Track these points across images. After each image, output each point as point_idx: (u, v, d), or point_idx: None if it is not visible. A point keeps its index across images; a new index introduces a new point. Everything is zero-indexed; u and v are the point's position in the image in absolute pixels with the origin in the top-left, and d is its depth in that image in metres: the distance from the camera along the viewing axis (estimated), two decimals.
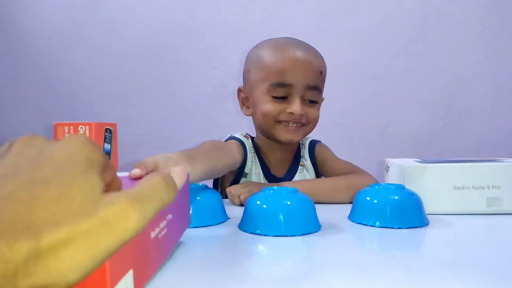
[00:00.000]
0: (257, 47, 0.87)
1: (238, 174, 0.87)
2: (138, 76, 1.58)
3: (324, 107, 0.89)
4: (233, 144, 0.85)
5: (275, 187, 0.59)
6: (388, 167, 0.74)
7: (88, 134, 0.67)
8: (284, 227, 0.51)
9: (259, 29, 1.50)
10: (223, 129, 1.60)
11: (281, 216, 0.52)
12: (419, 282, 0.36)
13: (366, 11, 1.54)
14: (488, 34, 1.53)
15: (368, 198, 0.59)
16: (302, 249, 0.47)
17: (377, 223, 0.56)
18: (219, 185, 0.93)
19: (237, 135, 0.91)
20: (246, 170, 0.87)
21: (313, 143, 0.95)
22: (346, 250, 0.48)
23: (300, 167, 0.91)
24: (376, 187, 0.61)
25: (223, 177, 0.91)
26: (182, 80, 1.58)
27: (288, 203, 0.53)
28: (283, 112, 0.80)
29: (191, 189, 0.60)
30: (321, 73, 0.82)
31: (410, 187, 0.64)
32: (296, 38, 0.87)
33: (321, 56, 0.86)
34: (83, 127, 0.68)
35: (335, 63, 1.62)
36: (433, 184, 0.65)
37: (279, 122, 0.82)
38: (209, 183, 0.92)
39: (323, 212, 0.67)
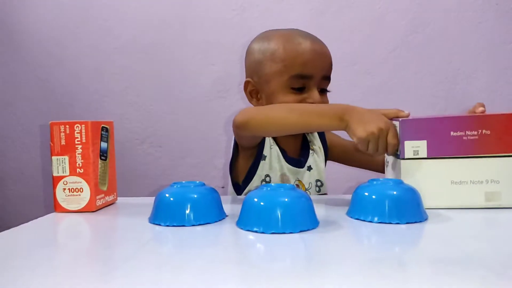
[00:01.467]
0: (262, 38, 0.88)
1: (257, 156, 0.87)
2: (134, 73, 1.57)
3: None
4: None
5: (272, 184, 0.58)
6: (387, 162, 0.74)
7: (84, 133, 0.67)
8: (282, 224, 0.51)
9: (256, 25, 1.49)
10: (222, 125, 1.60)
11: (278, 213, 0.51)
12: (417, 278, 0.36)
13: (364, 4, 1.53)
14: (487, 26, 1.52)
15: (366, 194, 0.59)
16: (299, 246, 0.47)
17: (376, 219, 0.56)
18: (234, 168, 0.90)
19: None
20: (265, 152, 0.88)
21: None
22: (344, 246, 0.47)
23: (310, 151, 0.94)
24: (375, 182, 0.61)
25: (238, 160, 0.88)
26: (179, 77, 1.57)
27: (286, 200, 0.53)
28: (302, 102, 0.83)
29: (187, 187, 0.60)
30: (331, 64, 0.87)
31: (407, 181, 0.64)
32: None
33: None
34: (79, 126, 0.67)
35: (333, 57, 1.62)
36: (430, 178, 0.64)
37: None
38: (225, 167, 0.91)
39: (321, 209, 0.66)
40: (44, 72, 1.59)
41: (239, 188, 0.88)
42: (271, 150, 0.88)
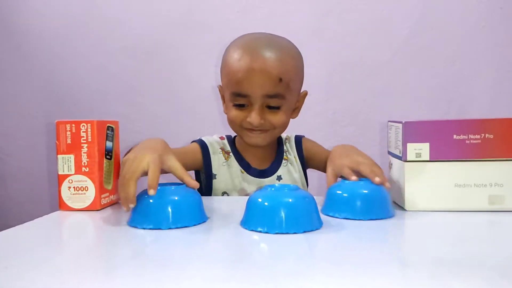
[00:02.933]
0: (229, 45, 0.85)
1: (208, 177, 0.88)
2: (138, 74, 1.57)
3: (324, 103, 0.89)
4: (191, 147, 0.91)
5: (276, 185, 0.59)
6: (391, 164, 0.74)
7: (90, 132, 0.68)
8: (286, 224, 0.51)
9: (260, 26, 1.49)
10: (223, 126, 1.60)
11: (282, 214, 0.52)
12: (421, 279, 0.37)
13: (367, 7, 1.53)
14: (490, 30, 1.53)
15: (338, 192, 0.62)
16: (303, 246, 0.47)
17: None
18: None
19: (207, 138, 0.93)
20: (214, 171, 0.88)
21: (299, 138, 0.96)
22: (348, 247, 0.48)
23: (284, 161, 0.92)
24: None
25: (199, 176, 0.92)
26: (182, 78, 1.57)
27: (290, 200, 0.53)
28: (244, 120, 0.80)
29: (168, 189, 0.58)
30: (280, 80, 0.77)
31: (410, 184, 0.64)
32: (275, 34, 0.83)
33: (288, 57, 0.80)
34: (85, 125, 0.68)
35: (335, 59, 1.62)
36: (435, 181, 0.65)
37: (246, 129, 0.82)
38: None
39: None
40: (48, 72, 1.59)
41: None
42: (220, 167, 0.88)
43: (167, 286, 0.36)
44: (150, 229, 0.55)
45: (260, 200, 0.54)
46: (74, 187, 0.68)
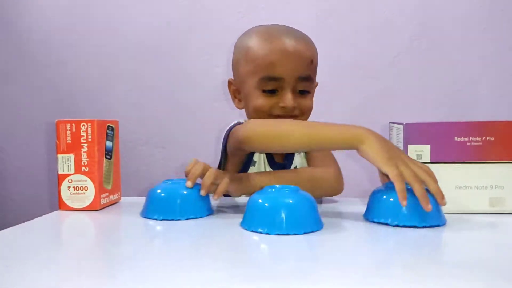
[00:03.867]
0: (245, 34, 0.84)
1: (247, 162, 0.85)
2: (140, 74, 1.58)
3: (326, 105, 0.89)
4: None
5: (276, 186, 0.59)
6: None
7: (90, 132, 0.67)
8: (286, 225, 0.51)
9: (257, 26, 1.50)
10: (225, 127, 1.60)
11: (283, 215, 0.52)
12: (422, 282, 0.36)
13: (370, 8, 1.53)
14: (492, 32, 1.52)
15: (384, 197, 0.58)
16: (304, 248, 0.47)
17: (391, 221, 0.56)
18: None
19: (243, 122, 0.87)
20: (255, 158, 0.85)
21: None
22: (349, 248, 0.48)
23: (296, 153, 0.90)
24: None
25: (226, 167, 0.85)
26: (184, 79, 1.57)
27: (290, 201, 0.53)
28: (275, 106, 0.78)
29: (176, 183, 0.64)
30: (312, 61, 0.79)
31: None
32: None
33: (311, 42, 0.82)
34: (85, 125, 0.68)
35: (337, 61, 1.62)
36: None
37: (273, 116, 0.79)
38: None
39: (326, 211, 0.66)
40: (50, 72, 1.59)
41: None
42: (259, 155, 0.86)
43: (166, 285, 0.36)
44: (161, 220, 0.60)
45: (260, 201, 0.54)
46: (74, 187, 0.67)
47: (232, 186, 0.67)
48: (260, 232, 0.52)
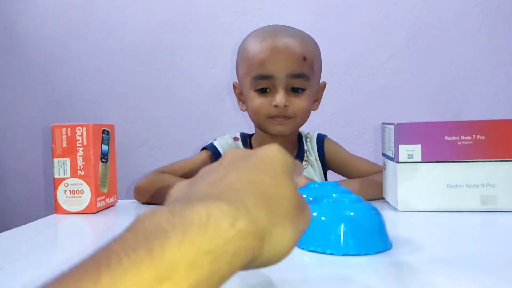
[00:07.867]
0: (245, 38, 0.85)
1: None
2: (136, 76, 1.58)
3: (322, 104, 0.89)
4: (200, 156, 0.88)
5: (334, 195, 0.48)
6: (385, 165, 0.74)
7: (85, 136, 0.68)
8: (351, 244, 0.42)
9: (258, 28, 1.50)
10: (222, 128, 1.60)
11: (342, 231, 0.42)
12: (413, 279, 0.37)
13: (364, 8, 1.54)
14: (487, 30, 1.53)
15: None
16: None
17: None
18: None
19: (219, 140, 0.89)
20: None
21: (321, 137, 0.91)
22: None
23: (304, 162, 0.88)
24: None
25: None
26: (180, 80, 1.58)
27: (351, 214, 0.44)
28: (269, 106, 0.78)
29: None
30: (305, 58, 0.77)
31: (403, 184, 0.65)
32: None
33: (310, 40, 0.82)
34: (81, 129, 0.68)
35: (333, 60, 1.62)
36: (427, 182, 0.65)
37: (271, 118, 0.79)
38: None
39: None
40: (46, 74, 1.60)
41: None
42: None
43: None
44: None
45: (315, 214, 0.43)
46: (70, 191, 0.68)
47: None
48: (313, 251, 0.44)
